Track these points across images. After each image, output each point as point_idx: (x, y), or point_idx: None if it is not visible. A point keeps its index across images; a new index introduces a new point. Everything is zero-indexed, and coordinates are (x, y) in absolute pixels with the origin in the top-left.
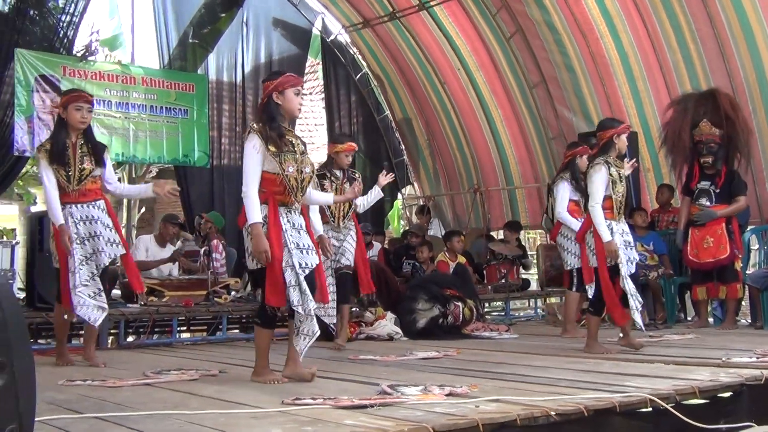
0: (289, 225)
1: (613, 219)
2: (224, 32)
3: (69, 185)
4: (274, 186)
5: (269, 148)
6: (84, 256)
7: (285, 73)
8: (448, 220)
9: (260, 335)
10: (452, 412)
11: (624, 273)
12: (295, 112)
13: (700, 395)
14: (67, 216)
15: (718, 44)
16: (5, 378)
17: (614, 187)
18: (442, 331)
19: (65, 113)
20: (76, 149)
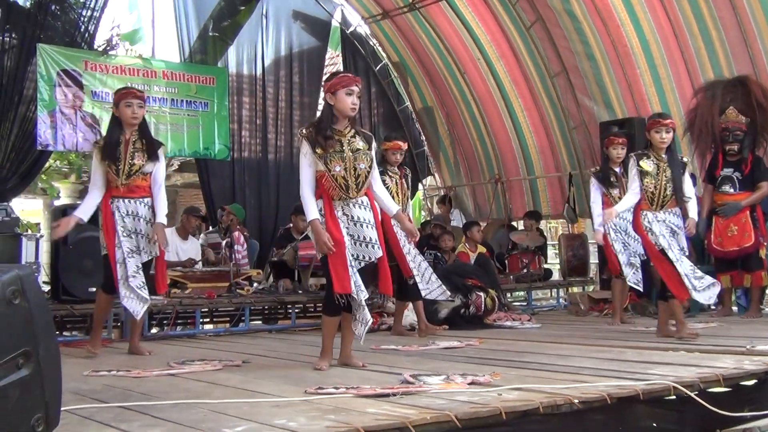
0: (346, 218)
1: (649, 210)
2: (244, 25)
3: (117, 179)
4: (325, 183)
5: (316, 151)
6: (131, 249)
7: (340, 74)
8: (469, 211)
9: (325, 323)
10: (475, 401)
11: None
12: (347, 112)
13: (724, 383)
14: (114, 210)
15: (741, 30)
16: (31, 368)
17: (643, 178)
18: (464, 321)
19: (117, 111)
20: (129, 145)
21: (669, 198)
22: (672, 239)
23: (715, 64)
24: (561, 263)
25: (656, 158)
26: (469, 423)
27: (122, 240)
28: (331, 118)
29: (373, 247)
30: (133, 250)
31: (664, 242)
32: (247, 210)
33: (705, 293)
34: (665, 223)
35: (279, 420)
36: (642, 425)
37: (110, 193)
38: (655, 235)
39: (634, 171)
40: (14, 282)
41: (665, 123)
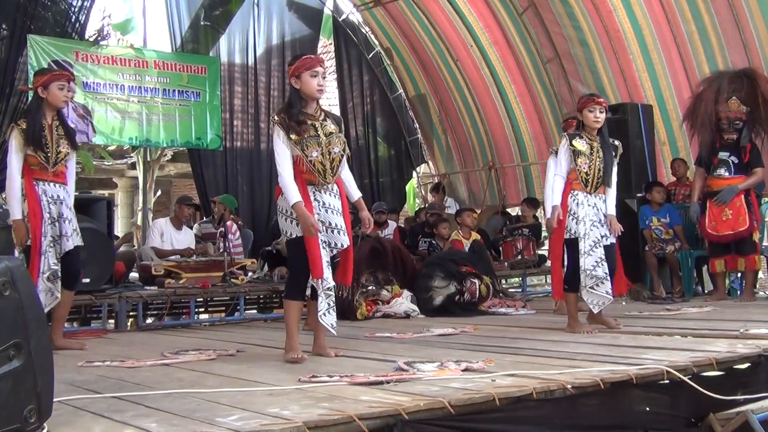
0: (318, 204)
1: (582, 191)
2: (236, 14)
3: (48, 166)
4: (301, 167)
5: (291, 137)
6: (53, 237)
7: (301, 57)
8: (463, 198)
9: (288, 309)
10: (468, 387)
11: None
12: (314, 94)
13: (717, 367)
14: (41, 194)
15: (733, 15)
16: (23, 359)
17: (576, 158)
18: (459, 308)
19: (46, 92)
20: (53, 131)
21: (601, 181)
22: (592, 229)
23: (708, 49)
24: None
25: (589, 138)
26: (462, 409)
27: (47, 228)
28: (299, 103)
29: (342, 235)
30: (55, 239)
31: (581, 230)
32: (240, 199)
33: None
34: (594, 209)
35: (272, 408)
36: (635, 409)
37: (33, 175)
38: (577, 221)
39: (564, 152)
40: (4, 273)
41: (599, 101)
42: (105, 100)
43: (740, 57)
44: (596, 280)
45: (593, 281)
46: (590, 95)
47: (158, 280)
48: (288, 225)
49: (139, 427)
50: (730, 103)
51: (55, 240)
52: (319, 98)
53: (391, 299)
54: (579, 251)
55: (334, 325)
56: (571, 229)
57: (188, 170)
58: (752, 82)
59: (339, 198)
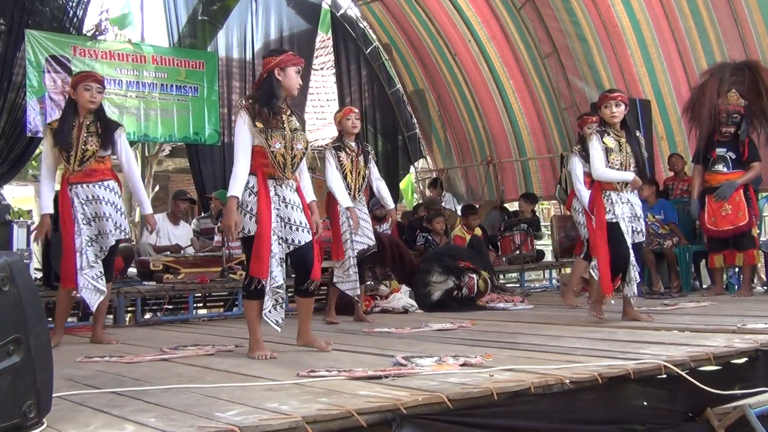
0: (278, 198)
1: (613, 189)
2: (234, 9)
3: (70, 166)
4: (262, 159)
5: (256, 124)
6: (90, 237)
7: (287, 52)
8: (461, 193)
9: (247, 308)
10: (466, 382)
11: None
12: (293, 91)
13: (714, 361)
14: (72, 197)
15: (731, 9)
16: (22, 354)
17: (608, 155)
18: (457, 303)
19: (75, 94)
20: (82, 129)
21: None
22: (629, 225)
23: (706, 44)
24: (553, 244)
25: (616, 134)
26: (460, 404)
27: (82, 228)
28: (276, 93)
29: (302, 231)
30: (93, 239)
31: (623, 226)
32: None
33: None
34: (628, 205)
35: (271, 403)
36: (633, 404)
37: (66, 179)
38: (614, 215)
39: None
40: (3, 269)
41: (614, 97)
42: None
43: (738, 52)
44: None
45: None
46: (605, 91)
47: (157, 276)
48: (245, 221)
49: (138, 422)
50: (729, 96)
51: (93, 239)
52: (295, 95)
53: (390, 294)
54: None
55: (279, 322)
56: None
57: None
58: (754, 75)
59: (297, 194)
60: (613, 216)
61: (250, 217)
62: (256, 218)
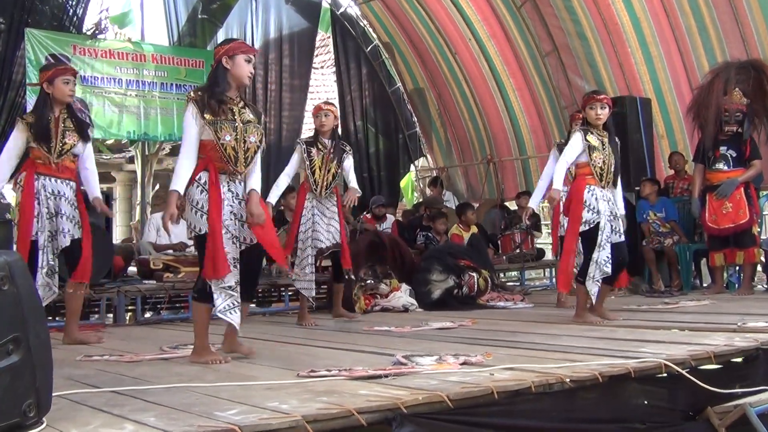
0: (231, 194)
1: (597, 185)
2: (233, 7)
3: (50, 157)
4: (212, 152)
5: (205, 116)
6: (50, 232)
7: (237, 40)
8: (461, 191)
9: (197, 310)
10: (467, 381)
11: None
12: (244, 79)
13: (715, 360)
14: (40, 188)
15: (732, 8)
16: (21, 353)
17: (591, 153)
18: (457, 302)
19: (51, 87)
20: (59, 123)
21: (612, 176)
22: (607, 223)
23: (707, 43)
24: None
25: (599, 134)
26: (461, 403)
27: (45, 223)
28: (225, 84)
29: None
30: (53, 235)
31: (601, 222)
32: None
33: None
34: (608, 203)
35: (271, 403)
36: (633, 403)
37: (35, 168)
38: (597, 213)
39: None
40: (2, 268)
41: (599, 98)
42: (103, 94)
43: (739, 50)
44: (603, 274)
45: (600, 274)
46: (591, 93)
47: (157, 274)
48: (196, 219)
49: (138, 422)
50: (733, 95)
51: (53, 236)
52: (246, 85)
53: (390, 293)
54: (596, 243)
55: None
56: (592, 221)
57: None
58: (758, 74)
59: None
60: (595, 213)
61: (201, 215)
62: (203, 215)
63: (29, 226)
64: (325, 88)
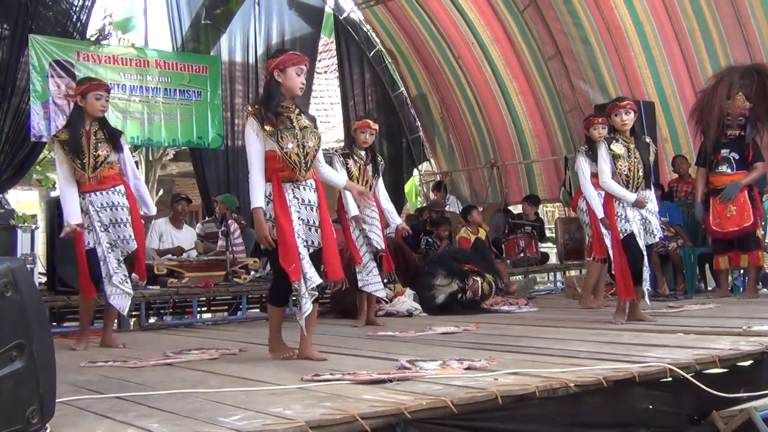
0: (297, 201)
1: None
2: (236, 12)
3: (84, 173)
4: (276, 163)
5: (265, 128)
6: (110, 243)
7: (288, 52)
8: (465, 196)
9: (271, 312)
10: (471, 386)
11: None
12: (295, 91)
13: (720, 364)
14: (88, 205)
15: (735, 10)
16: (25, 360)
17: (616, 161)
18: (461, 306)
19: (84, 101)
20: (91, 136)
21: (642, 180)
22: (641, 228)
23: (710, 46)
24: (558, 247)
25: (625, 141)
26: (465, 408)
27: (100, 235)
28: (279, 96)
29: (316, 232)
30: (112, 245)
31: (635, 229)
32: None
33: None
34: (637, 210)
35: (275, 408)
36: (638, 407)
37: (80, 188)
38: (628, 221)
39: (605, 153)
40: (6, 274)
41: (623, 105)
42: None
43: (742, 53)
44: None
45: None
46: (615, 100)
47: (161, 280)
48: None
49: (142, 428)
50: (736, 99)
51: (113, 245)
52: (298, 96)
53: (394, 298)
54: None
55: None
56: (626, 230)
57: (190, 169)
58: (762, 79)
59: (316, 192)
60: (626, 222)
61: (272, 225)
62: (274, 224)
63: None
64: (328, 93)
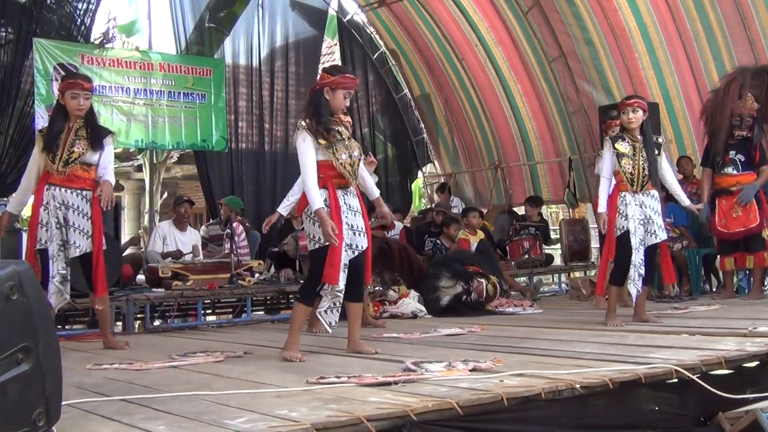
0: (346, 207)
1: (628, 191)
2: (240, 15)
3: (54, 165)
4: (331, 170)
5: (320, 141)
6: (60, 243)
7: (344, 74)
8: (469, 198)
9: (299, 311)
10: (476, 387)
11: (634, 245)
12: (338, 111)
13: (726, 365)
14: (49, 198)
15: (739, 12)
16: (31, 363)
17: (620, 160)
18: (466, 308)
19: (63, 100)
20: (71, 133)
21: (647, 179)
22: (639, 227)
23: (714, 48)
24: (562, 248)
25: (632, 139)
26: (471, 410)
27: (54, 233)
28: (327, 113)
29: (362, 236)
30: (62, 245)
31: (631, 226)
32: (246, 200)
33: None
34: (641, 208)
35: (281, 410)
36: (644, 409)
37: (46, 179)
38: (626, 218)
39: (607, 154)
40: (12, 277)
41: (629, 103)
42: (111, 102)
43: (746, 55)
44: (640, 276)
45: (638, 277)
46: (624, 98)
47: (165, 282)
48: (318, 230)
49: (148, 430)
50: (745, 100)
51: (64, 245)
52: (339, 115)
53: (398, 300)
54: (631, 247)
55: (333, 324)
56: (622, 227)
57: (194, 172)
58: None
59: (357, 198)
60: (624, 220)
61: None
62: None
63: (33, 234)
64: None
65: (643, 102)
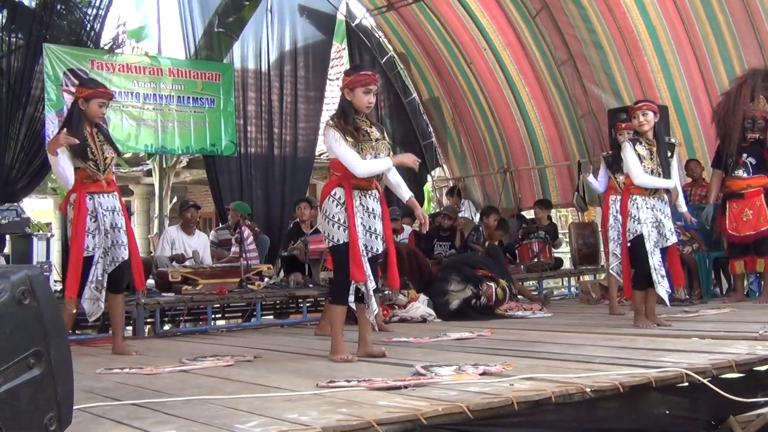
0: (362, 208)
1: (640, 195)
2: (249, 20)
3: (98, 173)
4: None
5: (348, 139)
6: (105, 249)
7: (360, 72)
8: (478, 201)
9: (335, 312)
10: (486, 391)
11: (648, 249)
12: (363, 109)
13: (737, 369)
14: (96, 206)
15: (748, 14)
16: (43, 367)
17: (641, 163)
18: (476, 312)
19: (86, 105)
20: (95, 138)
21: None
22: (653, 230)
23: (723, 50)
24: (571, 251)
25: (647, 143)
26: (481, 414)
27: (101, 240)
28: (352, 113)
29: (378, 239)
30: (107, 250)
31: (644, 230)
32: (255, 205)
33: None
34: (653, 211)
35: (291, 414)
36: (655, 412)
37: (86, 188)
38: (639, 222)
39: (631, 153)
40: (23, 282)
41: (639, 107)
42: (120, 107)
43: (756, 57)
44: (663, 278)
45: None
46: (633, 103)
47: (175, 287)
48: (333, 230)
49: None
50: (758, 102)
51: (107, 251)
52: (366, 113)
53: (408, 304)
54: (646, 251)
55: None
56: (635, 231)
57: (204, 176)
58: None
59: (379, 203)
60: (636, 224)
61: (338, 227)
62: (345, 228)
63: (82, 243)
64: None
65: (652, 105)
